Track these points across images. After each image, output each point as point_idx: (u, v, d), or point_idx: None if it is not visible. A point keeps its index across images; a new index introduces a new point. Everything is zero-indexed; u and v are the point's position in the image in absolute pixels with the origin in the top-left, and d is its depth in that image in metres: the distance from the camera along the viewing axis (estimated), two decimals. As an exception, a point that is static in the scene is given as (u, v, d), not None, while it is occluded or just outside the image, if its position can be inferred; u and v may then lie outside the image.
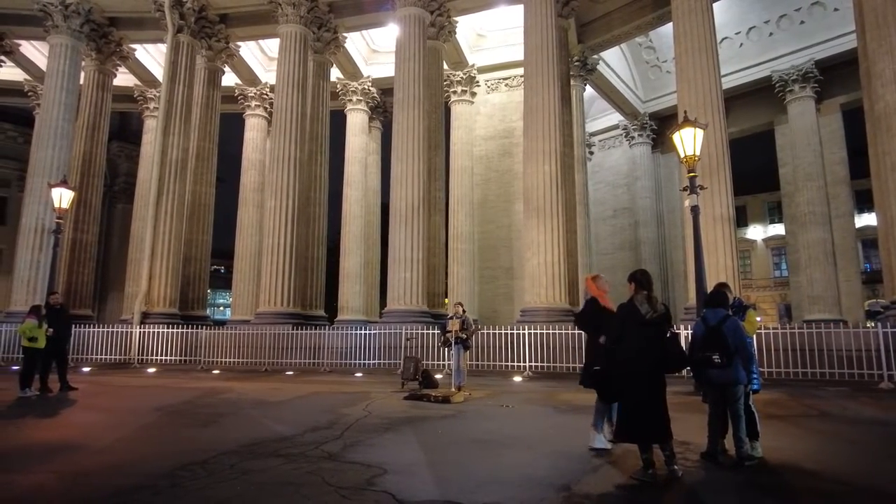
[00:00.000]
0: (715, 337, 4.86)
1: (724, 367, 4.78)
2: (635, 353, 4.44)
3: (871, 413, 8.02)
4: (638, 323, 4.47)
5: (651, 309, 4.49)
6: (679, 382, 11.20)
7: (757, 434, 4.96)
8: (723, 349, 4.79)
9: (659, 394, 4.40)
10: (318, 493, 3.95)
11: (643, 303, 4.54)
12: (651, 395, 4.37)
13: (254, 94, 24.92)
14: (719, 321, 4.90)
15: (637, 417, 4.38)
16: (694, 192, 10.37)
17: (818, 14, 21.55)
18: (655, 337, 4.46)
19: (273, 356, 15.57)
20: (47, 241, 17.55)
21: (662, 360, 4.45)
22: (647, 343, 4.43)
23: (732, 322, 4.90)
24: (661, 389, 4.42)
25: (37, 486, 4.23)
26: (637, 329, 4.47)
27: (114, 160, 29.99)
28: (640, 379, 4.39)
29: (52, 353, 10.16)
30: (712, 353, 4.83)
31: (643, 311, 4.48)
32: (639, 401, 4.40)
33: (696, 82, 14.19)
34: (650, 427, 4.34)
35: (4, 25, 21.04)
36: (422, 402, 8.91)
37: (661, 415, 4.36)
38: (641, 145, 27.42)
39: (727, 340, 4.80)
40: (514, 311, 18.82)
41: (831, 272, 21.33)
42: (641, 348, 4.42)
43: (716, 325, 4.89)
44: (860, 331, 12.01)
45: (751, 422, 4.94)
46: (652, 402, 4.36)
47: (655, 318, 4.47)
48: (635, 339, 4.46)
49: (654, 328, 4.47)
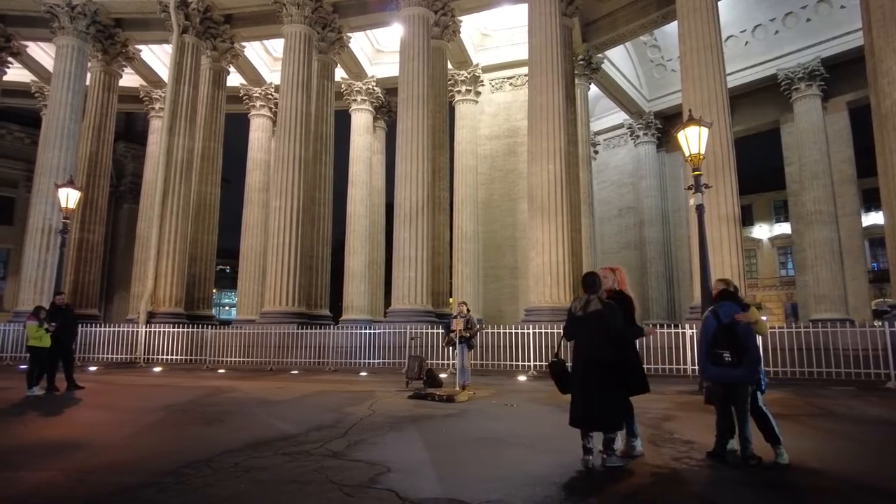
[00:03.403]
0: (727, 335, 4.78)
1: (734, 366, 4.71)
2: (583, 351, 4.74)
3: (877, 412, 7.98)
4: (575, 321, 4.81)
5: (584, 306, 4.77)
6: (683, 381, 11.19)
7: (778, 438, 4.77)
8: (734, 347, 4.72)
9: (607, 384, 4.59)
10: (323, 491, 3.96)
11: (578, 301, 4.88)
12: (599, 386, 4.58)
13: (259, 94, 24.98)
14: (732, 319, 4.81)
15: (583, 405, 4.64)
16: (699, 190, 10.34)
17: (824, 11, 21.43)
18: (596, 332, 4.66)
19: (278, 355, 15.62)
20: (54, 241, 17.67)
21: (609, 351, 4.63)
22: (589, 339, 4.69)
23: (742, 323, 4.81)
24: (611, 380, 4.60)
25: (44, 483, 4.26)
26: (577, 325, 4.80)
27: (120, 160, 30.13)
28: (589, 373, 4.64)
29: (58, 353, 10.23)
30: (724, 350, 4.76)
31: (573, 309, 4.86)
32: (586, 390, 4.66)
33: (701, 81, 14.13)
34: (595, 414, 4.59)
35: (12, 27, 21.18)
36: (426, 401, 8.93)
37: (609, 404, 4.59)
38: (646, 144, 27.36)
39: (739, 339, 4.72)
40: (518, 310, 18.80)
41: (838, 271, 21.22)
42: (583, 342, 4.75)
43: (729, 324, 4.79)
44: (867, 330, 11.94)
45: (766, 425, 4.81)
46: (599, 392, 4.59)
47: (583, 314, 4.74)
48: (578, 334, 4.80)
49: (591, 322, 4.68)
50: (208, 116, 20.99)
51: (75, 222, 18.68)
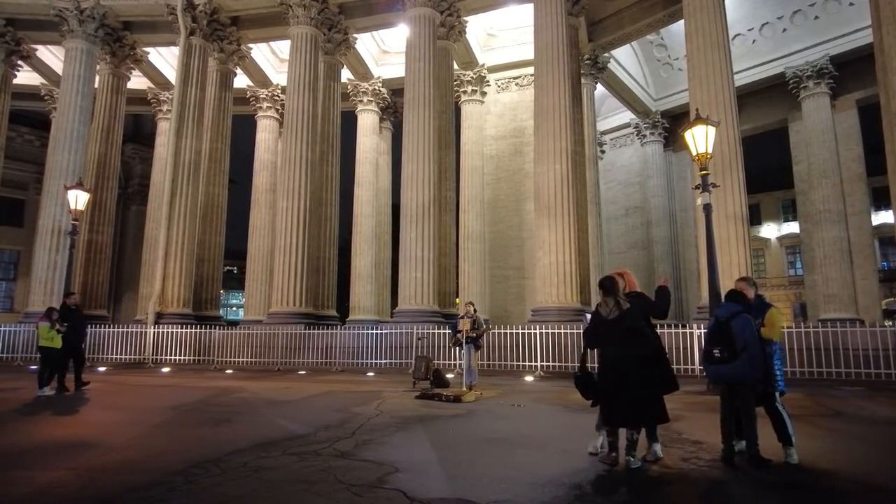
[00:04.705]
0: (721, 331, 4.80)
1: (725, 362, 4.71)
2: (615, 351, 4.73)
3: (887, 413, 7.92)
4: (604, 323, 4.80)
5: (613, 308, 4.78)
6: (691, 382, 11.13)
7: (790, 439, 4.76)
8: (726, 344, 4.72)
9: (647, 379, 4.62)
10: (331, 491, 3.98)
11: (606, 305, 4.87)
12: (641, 381, 4.61)
13: (265, 95, 25.08)
14: (728, 317, 4.80)
15: (619, 402, 4.66)
16: (706, 190, 10.30)
17: (833, 9, 21.25)
18: (627, 331, 4.67)
19: (285, 356, 15.68)
20: (63, 243, 17.80)
21: (643, 350, 4.65)
22: (621, 339, 4.68)
23: (742, 319, 4.75)
24: (650, 375, 4.63)
25: (55, 482, 4.30)
26: (606, 326, 4.78)
27: (128, 162, 30.32)
28: (625, 371, 4.63)
29: (69, 353, 10.32)
30: (716, 347, 4.79)
31: (604, 313, 4.83)
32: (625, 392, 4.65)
33: (708, 80, 14.06)
34: (631, 413, 4.64)
35: (22, 31, 21.36)
36: (433, 401, 8.94)
37: (647, 398, 4.64)
38: (653, 144, 27.22)
39: (733, 336, 4.70)
40: (525, 310, 18.77)
41: (847, 270, 21.03)
42: (614, 342, 4.73)
43: (724, 321, 4.80)
44: (877, 330, 11.86)
45: (779, 425, 4.79)
46: (641, 387, 4.61)
47: (617, 315, 4.73)
48: (609, 336, 4.77)
49: (620, 323, 4.69)
50: (215, 118, 21.08)
51: (84, 224, 18.81)
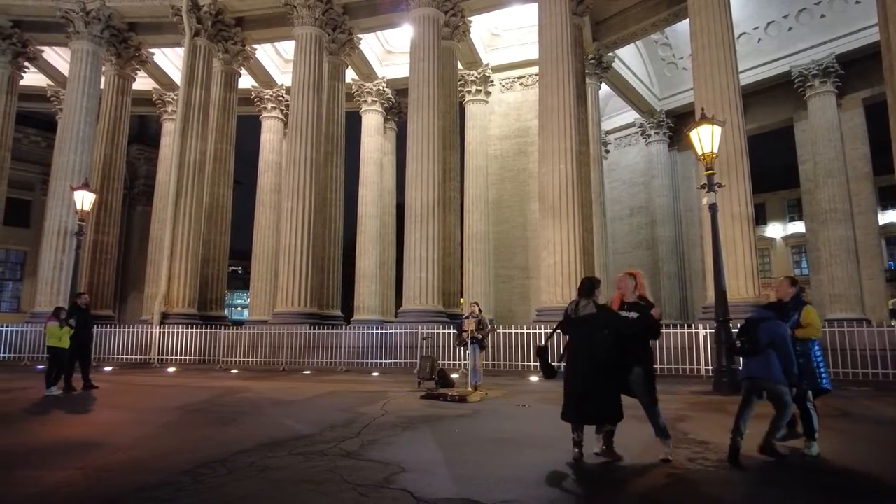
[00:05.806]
0: (748, 327, 5.02)
1: (748, 353, 4.90)
2: (577, 349, 4.90)
3: (894, 413, 7.88)
4: (570, 322, 4.98)
5: (576, 310, 4.94)
6: (696, 382, 11.11)
7: (814, 434, 4.99)
8: (748, 337, 4.92)
9: (606, 381, 4.74)
10: (337, 491, 3.98)
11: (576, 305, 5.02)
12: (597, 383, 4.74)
13: (270, 96, 25.13)
14: (758, 319, 5.03)
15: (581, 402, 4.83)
16: (712, 189, 10.27)
17: (839, 7, 21.14)
18: (589, 331, 4.79)
19: (290, 356, 15.71)
20: (70, 243, 17.90)
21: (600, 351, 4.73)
22: (584, 338, 4.83)
23: (772, 322, 4.94)
24: (602, 378, 4.73)
25: (63, 481, 4.31)
26: (570, 326, 4.99)
27: (133, 163, 30.45)
28: (587, 368, 4.77)
29: (76, 353, 10.39)
30: (740, 338, 5.03)
31: (569, 310, 5.02)
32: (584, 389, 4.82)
33: (713, 79, 14.02)
34: (593, 410, 4.80)
35: (28, 33, 21.47)
36: (438, 401, 8.94)
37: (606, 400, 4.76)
38: (658, 143, 27.14)
39: (758, 333, 4.86)
40: (529, 310, 18.75)
41: (853, 270, 20.92)
42: (580, 344, 4.88)
43: (754, 320, 5.03)
44: (884, 330, 11.81)
45: (808, 421, 5.01)
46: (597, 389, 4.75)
47: (581, 316, 4.88)
48: (573, 334, 4.99)
49: (585, 324, 4.83)
50: (220, 118, 21.15)
51: (90, 224, 18.88)
